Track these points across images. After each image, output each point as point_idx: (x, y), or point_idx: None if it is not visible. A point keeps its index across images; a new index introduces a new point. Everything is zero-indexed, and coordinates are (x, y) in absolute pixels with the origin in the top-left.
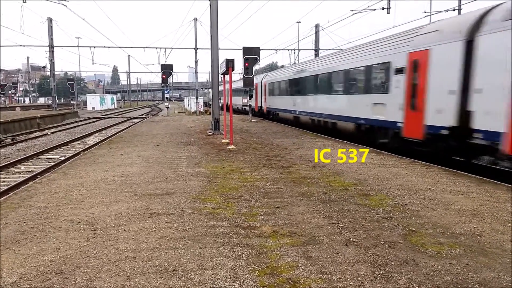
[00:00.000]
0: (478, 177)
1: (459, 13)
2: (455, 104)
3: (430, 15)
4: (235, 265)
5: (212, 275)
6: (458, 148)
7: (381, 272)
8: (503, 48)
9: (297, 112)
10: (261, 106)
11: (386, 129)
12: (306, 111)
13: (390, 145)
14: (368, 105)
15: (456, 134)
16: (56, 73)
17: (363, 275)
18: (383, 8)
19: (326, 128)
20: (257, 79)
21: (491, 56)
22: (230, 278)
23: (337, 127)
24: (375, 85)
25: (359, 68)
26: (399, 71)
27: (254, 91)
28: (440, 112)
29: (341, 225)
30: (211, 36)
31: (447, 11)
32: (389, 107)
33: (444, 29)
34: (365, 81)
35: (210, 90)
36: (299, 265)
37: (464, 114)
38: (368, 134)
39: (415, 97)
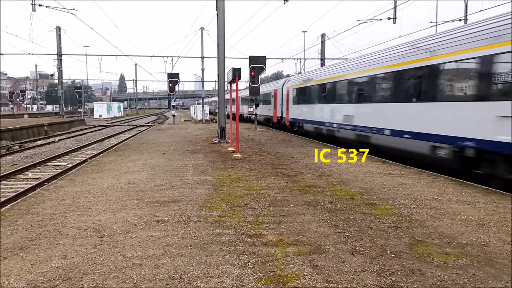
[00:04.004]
0: (485, 187)
1: (465, 23)
2: None
3: (436, 25)
4: (241, 273)
5: (218, 283)
6: None
7: (388, 282)
8: None
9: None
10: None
11: None
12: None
13: None
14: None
15: None
16: (63, 81)
17: (369, 285)
18: (389, 18)
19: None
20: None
21: None
22: (236, 286)
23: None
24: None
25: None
26: None
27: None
28: None
29: (347, 234)
30: (217, 45)
31: (453, 21)
32: None
33: None
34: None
35: (213, 98)
36: (305, 273)
37: None
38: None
39: None
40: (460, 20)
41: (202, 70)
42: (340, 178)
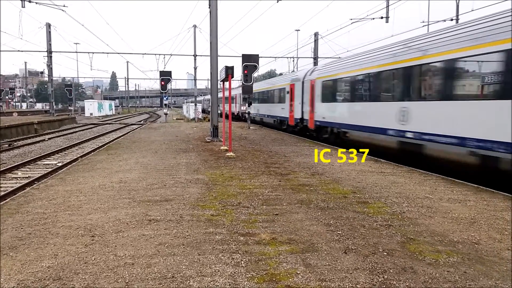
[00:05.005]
0: (475, 185)
1: (457, 22)
2: (301, 108)
3: (428, 24)
4: (234, 272)
5: (211, 282)
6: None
7: (380, 280)
8: (308, 86)
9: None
10: (301, 118)
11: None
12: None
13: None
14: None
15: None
16: (54, 78)
17: (361, 283)
18: (381, 17)
19: None
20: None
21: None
22: (229, 285)
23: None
24: (281, 97)
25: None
26: (288, 92)
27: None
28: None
29: (340, 232)
30: (210, 43)
31: (445, 21)
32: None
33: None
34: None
35: (205, 96)
36: (298, 272)
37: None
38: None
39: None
40: (452, 19)
41: (195, 68)
42: (333, 176)
